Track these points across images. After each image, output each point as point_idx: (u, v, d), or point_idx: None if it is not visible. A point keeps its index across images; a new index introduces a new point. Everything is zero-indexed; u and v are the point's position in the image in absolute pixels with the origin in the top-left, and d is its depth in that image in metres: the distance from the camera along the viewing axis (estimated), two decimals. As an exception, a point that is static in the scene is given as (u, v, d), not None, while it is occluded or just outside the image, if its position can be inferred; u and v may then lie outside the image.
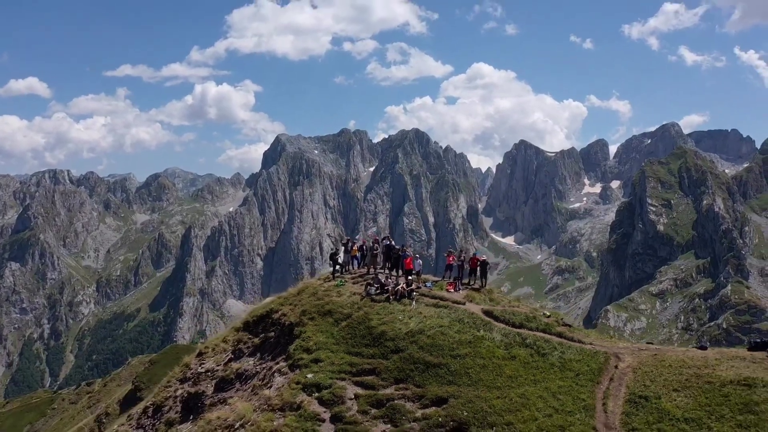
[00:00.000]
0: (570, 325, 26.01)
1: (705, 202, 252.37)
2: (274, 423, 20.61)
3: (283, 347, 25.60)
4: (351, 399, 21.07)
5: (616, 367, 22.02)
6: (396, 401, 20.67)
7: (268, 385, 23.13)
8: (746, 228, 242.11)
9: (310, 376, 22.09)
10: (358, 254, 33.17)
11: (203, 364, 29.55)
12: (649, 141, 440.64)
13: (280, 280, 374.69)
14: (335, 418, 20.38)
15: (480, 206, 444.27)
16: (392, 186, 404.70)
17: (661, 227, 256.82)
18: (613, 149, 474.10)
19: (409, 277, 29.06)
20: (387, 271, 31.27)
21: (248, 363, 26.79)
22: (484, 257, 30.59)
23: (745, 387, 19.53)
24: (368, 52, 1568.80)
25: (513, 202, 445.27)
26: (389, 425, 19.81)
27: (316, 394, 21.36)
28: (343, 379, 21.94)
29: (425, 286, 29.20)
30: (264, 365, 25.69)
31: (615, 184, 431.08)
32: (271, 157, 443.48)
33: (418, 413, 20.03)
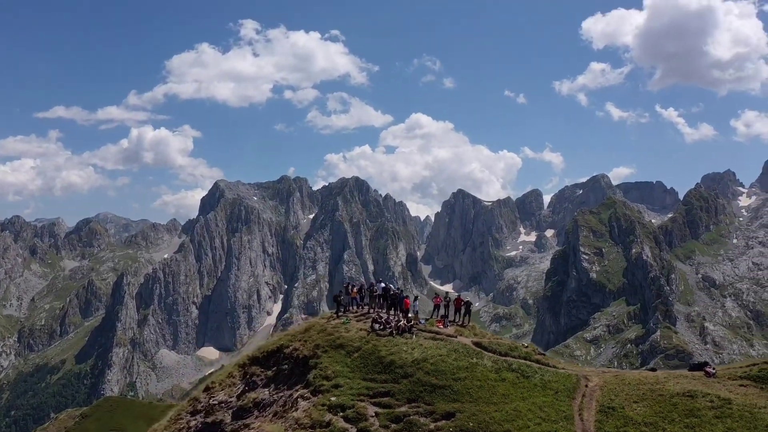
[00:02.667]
0: (544, 354, 30.94)
1: (634, 250, 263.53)
2: (307, 439, 23.95)
3: (299, 377, 28.96)
4: (372, 416, 24.74)
5: (586, 386, 26.88)
6: (411, 417, 24.55)
7: (294, 408, 26.40)
8: (672, 275, 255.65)
9: (333, 398, 25.63)
10: (357, 296, 37.44)
11: (214, 397, 32.26)
12: (580, 191, 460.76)
13: (216, 329, 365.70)
14: (361, 432, 23.95)
15: (419, 254, 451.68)
16: (332, 233, 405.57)
17: (593, 275, 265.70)
18: (547, 199, 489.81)
19: (409, 315, 33.36)
20: (386, 310, 35.30)
21: (264, 393, 29.88)
22: (468, 299, 35.55)
23: (689, 397, 24.76)
24: (309, 101, 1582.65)
25: (451, 250, 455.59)
26: (409, 436, 23.59)
27: (341, 414, 24.91)
28: (363, 401, 25.62)
29: (420, 323, 33.48)
30: (281, 394, 28.89)
31: (549, 232, 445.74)
32: (209, 203, 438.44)
33: (432, 426, 24.00)
